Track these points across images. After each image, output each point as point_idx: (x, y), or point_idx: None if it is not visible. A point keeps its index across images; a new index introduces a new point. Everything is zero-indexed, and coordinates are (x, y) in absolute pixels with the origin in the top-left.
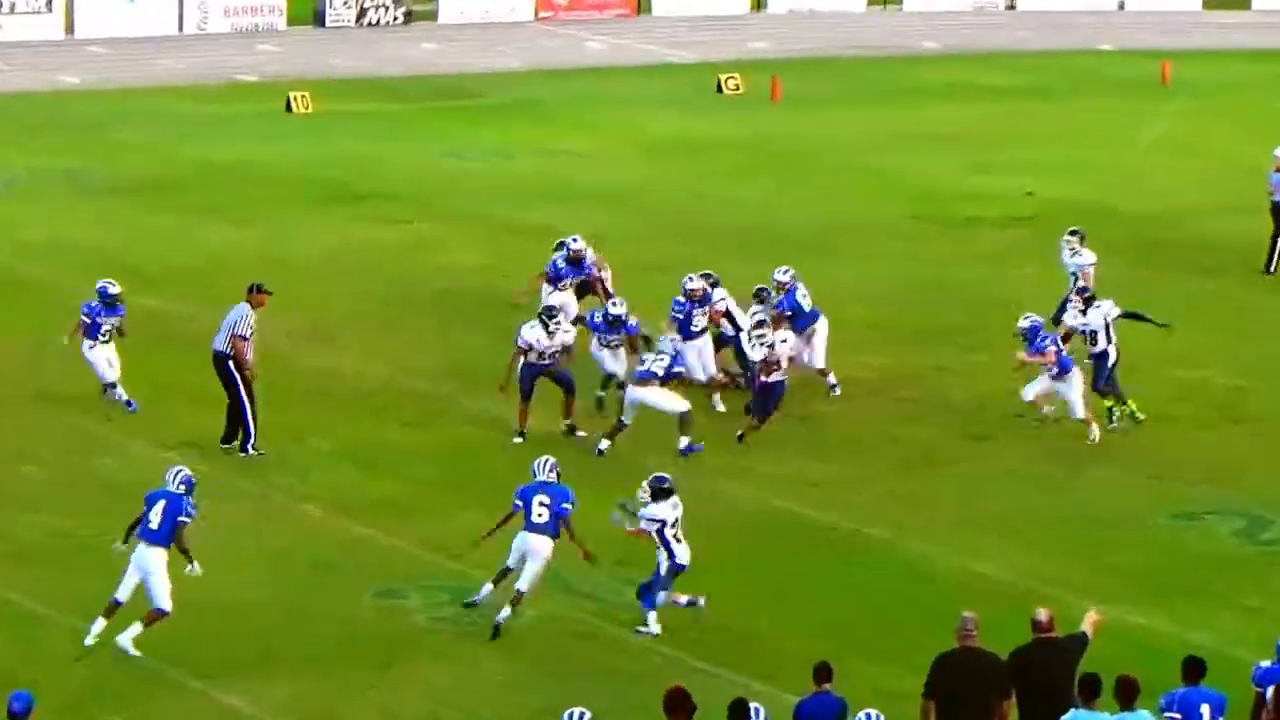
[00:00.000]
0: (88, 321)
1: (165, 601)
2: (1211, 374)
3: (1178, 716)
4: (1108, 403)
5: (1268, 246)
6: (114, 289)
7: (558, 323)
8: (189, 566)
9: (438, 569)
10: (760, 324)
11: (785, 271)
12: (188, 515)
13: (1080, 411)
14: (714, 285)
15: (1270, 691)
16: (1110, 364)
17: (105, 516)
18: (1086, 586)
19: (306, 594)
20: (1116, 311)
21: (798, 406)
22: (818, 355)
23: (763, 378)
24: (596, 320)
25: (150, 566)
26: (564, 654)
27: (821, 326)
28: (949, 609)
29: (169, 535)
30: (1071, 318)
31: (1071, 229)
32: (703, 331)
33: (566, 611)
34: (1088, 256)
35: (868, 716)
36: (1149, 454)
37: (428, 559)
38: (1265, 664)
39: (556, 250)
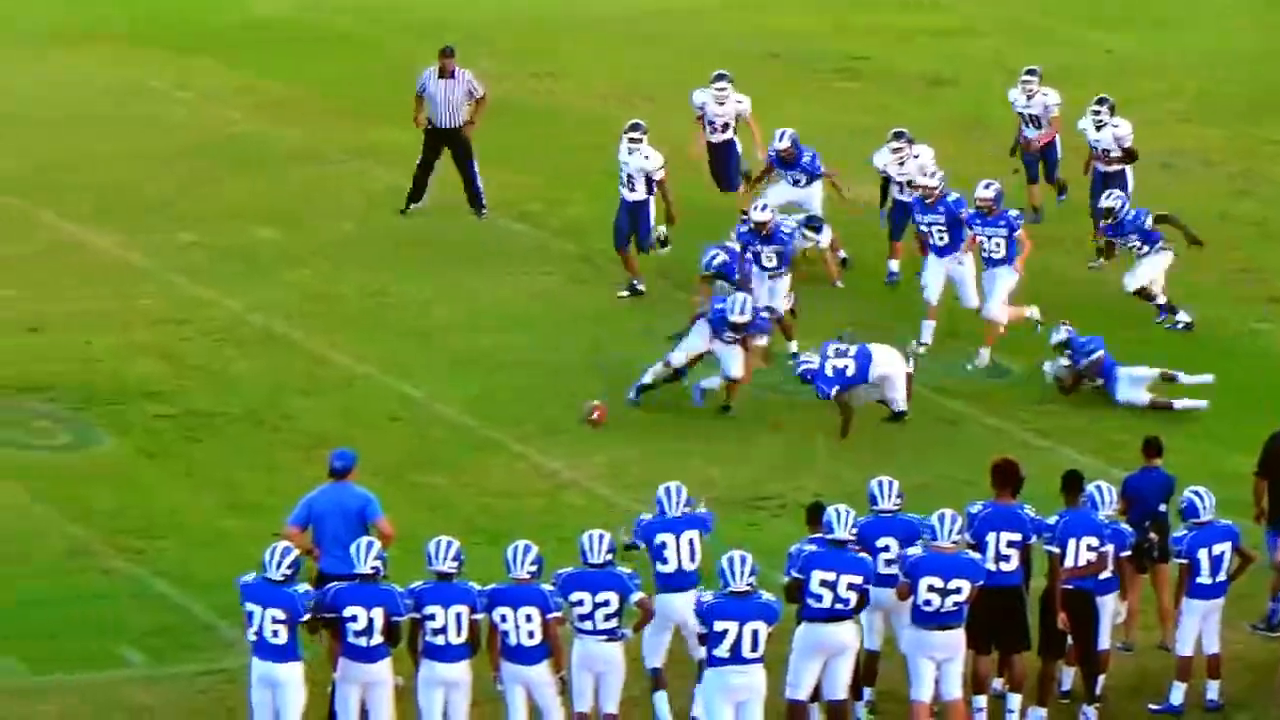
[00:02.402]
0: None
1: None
2: None
3: None
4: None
5: None
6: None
7: (636, 141)
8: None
9: None
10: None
11: (934, 174)
12: None
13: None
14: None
15: None
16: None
17: (411, 279)
18: None
19: (628, 358)
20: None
21: None
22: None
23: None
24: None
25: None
26: (889, 427)
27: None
28: None
29: None
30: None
31: None
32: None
33: None
34: None
35: (1196, 493)
36: None
37: None
38: None
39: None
